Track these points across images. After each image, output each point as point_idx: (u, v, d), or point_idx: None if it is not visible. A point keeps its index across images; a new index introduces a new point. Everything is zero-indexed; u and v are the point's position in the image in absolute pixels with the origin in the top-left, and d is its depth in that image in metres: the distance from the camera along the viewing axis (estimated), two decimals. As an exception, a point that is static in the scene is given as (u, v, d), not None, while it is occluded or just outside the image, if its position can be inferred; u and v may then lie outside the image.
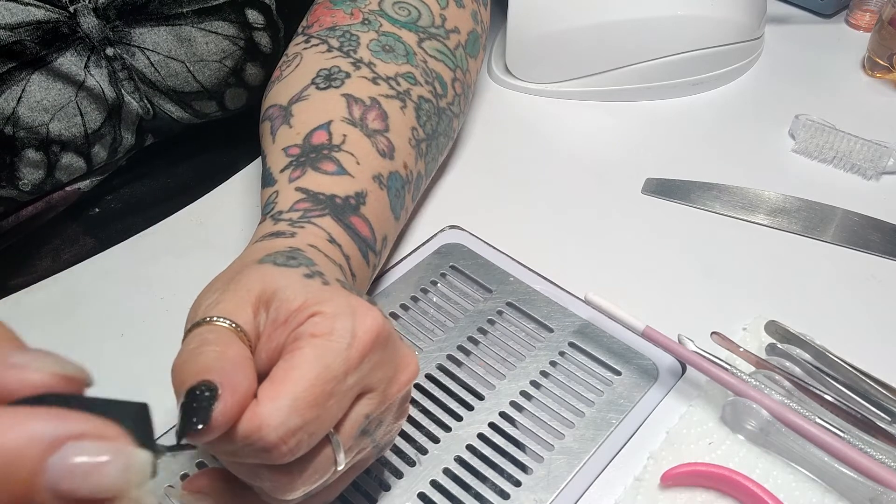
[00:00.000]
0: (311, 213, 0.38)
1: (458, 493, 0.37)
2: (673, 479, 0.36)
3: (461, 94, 0.51)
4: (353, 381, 0.29)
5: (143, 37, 0.48)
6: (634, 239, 0.50)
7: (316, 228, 0.37)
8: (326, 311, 0.29)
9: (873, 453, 0.35)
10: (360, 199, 0.40)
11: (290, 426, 0.26)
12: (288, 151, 0.42)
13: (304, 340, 0.28)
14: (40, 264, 0.51)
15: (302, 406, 0.27)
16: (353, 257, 0.39)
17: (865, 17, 0.69)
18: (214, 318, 0.29)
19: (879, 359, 0.41)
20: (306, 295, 0.29)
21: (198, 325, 0.29)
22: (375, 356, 0.29)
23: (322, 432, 0.28)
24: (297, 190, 0.39)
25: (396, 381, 0.31)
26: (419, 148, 0.46)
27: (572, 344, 0.43)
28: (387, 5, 0.48)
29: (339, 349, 0.28)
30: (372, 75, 0.45)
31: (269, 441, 0.26)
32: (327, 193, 0.39)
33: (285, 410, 0.26)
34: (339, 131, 0.42)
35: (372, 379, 0.30)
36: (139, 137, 0.52)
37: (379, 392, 0.30)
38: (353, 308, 0.29)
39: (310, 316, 0.29)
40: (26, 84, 0.44)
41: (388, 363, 0.30)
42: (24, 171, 0.46)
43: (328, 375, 0.27)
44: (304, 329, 0.28)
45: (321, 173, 0.40)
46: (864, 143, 0.55)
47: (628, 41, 0.60)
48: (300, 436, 0.27)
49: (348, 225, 0.39)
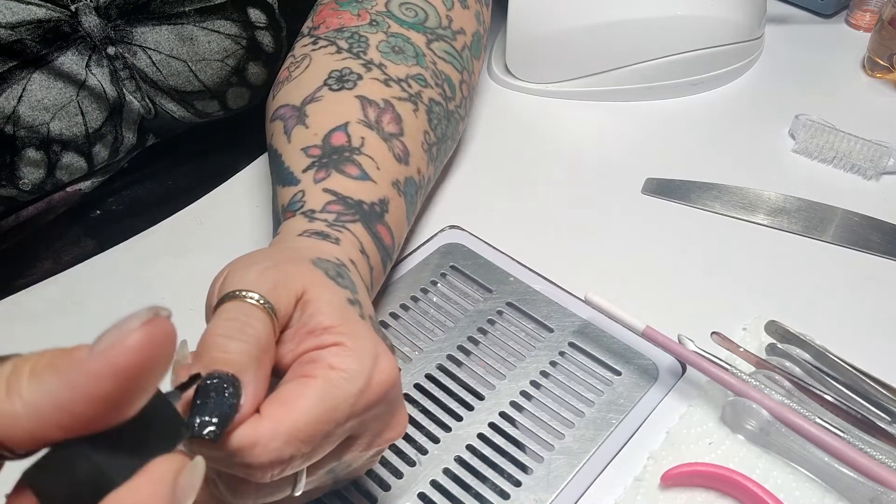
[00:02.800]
0: (344, 217, 0.38)
1: (458, 493, 0.37)
2: (673, 479, 0.36)
3: (467, 96, 0.51)
4: (350, 426, 0.29)
5: (144, 36, 0.48)
6: (634, 239, 0.50)
7: (351, 237, 0.37)
8: (351, 345, 0.29)
9: (873, 453, 0.35)
10: (384, 207, 0.41)
11: (282, 454, 0.26)
12: (308, 152, 0.42)
13: (321, 369, 0.28)
14: (41, 265, 0.51)
15: (299, 438, 0.27)
16: (376, 268, 0.39)
17: (865, 17, 0.69)
18: (259, 299, 0.29)
19: (879, 359, 0.41)
20: (341, 319, 0.30)
21: (240, 298, 0.29)
22: (379, 409, 0.30)
23: (304, 466, 0.28)
24: (326, 191, 0.40)
25: (383, 436, 0.31)
26: (430, 152, 0.46)
27: (572, 344, 0.43)
28: (394, 6, 0.48)
29: (351, 393, 0.28)
30: (384, 77, 0.45)
31: (259, 462, 0.26)
32: (355, 198, 0.40)
33: (283, 438, 0.26)
34: (357, 133, 0.42)
35: (365, 428, 0.30)
36: (140, 137, 0.52)
37: (364, 441, 0.30)
38: (375, 354, 0.29)
39: (334, 343, 0.29)
40: (27, 83, 0.44)
41: (385, 418, 0.31)
42: (24, 171, 0.46)
43: (332, 416, 0.27)
44: (325, 355, 0.28)
45: (346, 177, 0.40)
46: (864, 143, 0.55)
47: (628, 41, 0.60)
48: (286, 465, 0.27)
49: (375, 234, 0.39)
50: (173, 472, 0.20)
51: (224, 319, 0.28)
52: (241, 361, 0.26)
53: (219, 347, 0.27)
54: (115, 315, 0.20)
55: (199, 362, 0.26)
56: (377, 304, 0.46)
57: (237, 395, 0.26)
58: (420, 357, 0.43)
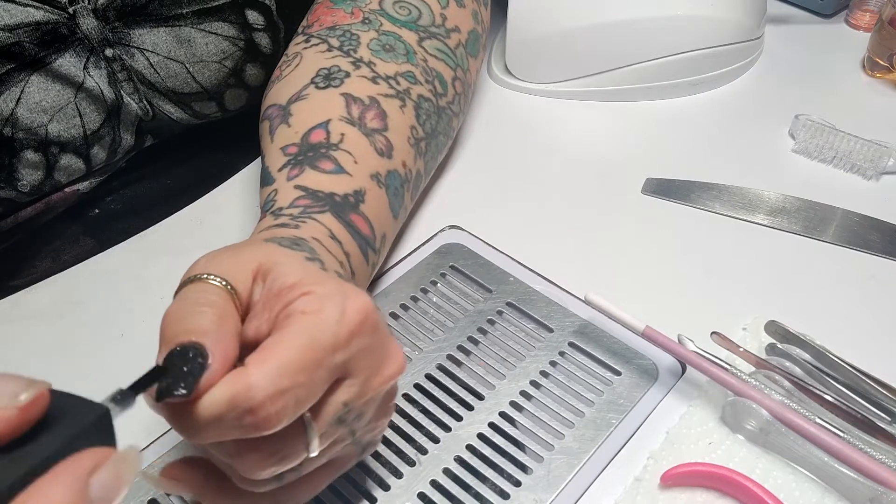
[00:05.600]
0: (312, 209, 0.38)
1: (458, 493, 0.37)
2: (673, 479, 0.36)
3: (461, 93, 0.51)
4: (340, 358, 0.29)
5: (142, 38, 0.48)
6: (634, 239, 0.50)
7: (317, 224, 0.37)
8: (318, 290, 0.29)
9: (873, 453, 0.34)
10: (359, 197, 0.40)
11: (278, 386, 0.26)
12: (286, 150, 0.42)
13: (293, 317, 0.28)
14: (40, 265, 0.51)
15: (290, 370, 0.27)
16: (353, 255, 0.39)
17: (865, 17, 0.69)
18: (212, 277, 0.29)
19: (879, 359, 0.41)
20: (303, 274, 0.30)
21: (195, 281, 0.29)
22: (363, 339, 0.29)
23: (308, 400, 0.28)
24: (297, 188, 0.40)
25: (380, 372, 0.31)
26: (418, 147, 0.46)
27: (572, 344, 0.43)
28: (387, 4, 0.48)
29: (328, 324, 0.28)
30: (371, 74, 0.45)
31: (257, 400, 0.26)
32: (326, 191, 0.40)
33: (274, 372, 0.26)
34: (337, 130, 0.42)
35: (357, 363, 0.30)
36: (138, 138, 0.52)
37: (361, 380, 0.30)
38: (343, 290, 0.29)
39: (302, 294, 0.29)
40: (25, 85, 0.44)
41: (375, 351, 0.30)
42: (22, 172, 0.46)
43: (316, 345, 0.28)
44: (295, 306, 0.28)
45: (319, 172, 0.40)
46: (864, 143, 0.55)
47: (628, 41, 0.59)
48: (287, 399, 0.27)
49: (348, 222, 0.39)
50: (91, 466, 0.21)
51: (178, 301, 0.28)
52: (200, 328, 0.27)
53: (176, 324, 0.27)
54: (115, 315, 0.20)
55: (161, 345, 0.27)
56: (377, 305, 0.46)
57: (202, 356, 0.26)
58: (420, 357, 0.43)
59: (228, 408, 0.26)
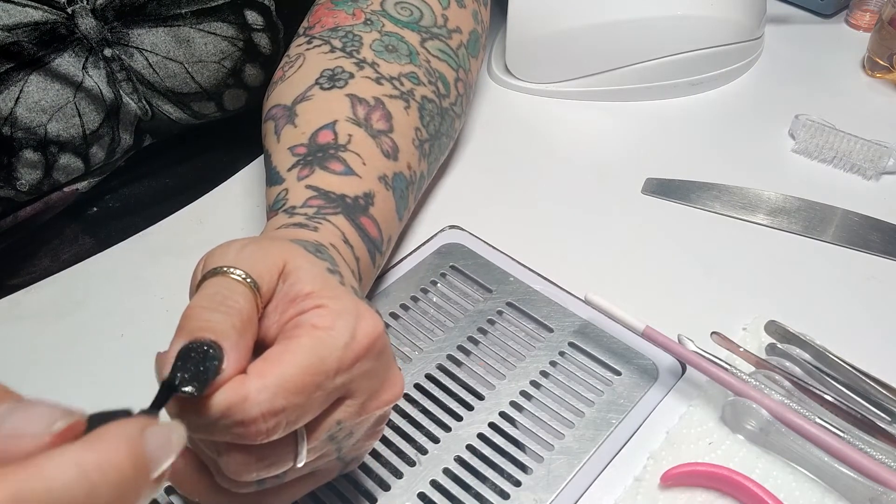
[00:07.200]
0: (325, 210, 0.39)
1: (458, 493, 0.37)
2: (673, 479, 0.36)
3: (463, 94, 0.51)
4: (341, 381, 0.29)
5: (141, 38, 0.48)
6: (634, 239, 0.50)
7: (332, 227, 0.38)
8: (332, 306, 0.29)
9: (873, 453, 0.34)
10: (369, 200, 0.41)
11: (273, 405, 0.26)
12: (294, 150, 0.42)
13: (303, 329, 0.28)
14: (40, 264, 0.51)
15: (289, 389, 0.27)
16: (363, 259, 0.39)
17: (865, 17, 0.69)
18: (239, 273, 0.29)
19: (879, 359, 0.41)
20: (321, 285, 0.30)
21: (223, 275, 0.29)
22: (368, 363, 0.29)
23: (300, 422, 0.28)
24: (308, 188, 0.40)
25: (379, 396, 0.31)
26: (422, 148, 0.46)
27: (572, 344, 0.43)
28: (389, 5, 0.48)
29: (336, 345, 0.28)
30: (375, 75, 0.45)
31: (250, 415, 0.26)
32: (338, 192, 0.40)
33: (272, 389, 0.26)
34: (344, 131, 0.42)
35: (358, 385, 0.30)
36: (137, 138, 0.52)
37: (359, 402, 0.30)
38: (357, 310, 0.29)
39: (315, 306, 0.29)
40: (24, 85, 0.44)
41: (377, 375, 0.31)
42: (21, 172, 0.46)
43: (320, 367, 0.27)
44: (307, 318, 0.28)
45: (329, 172, 0.40)
46: (864, 143, 0.55)
47: (628, 41, 0.59)
48: (280, 418, 0.27)
49: (359, 225, 0.39)
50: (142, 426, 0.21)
51: (206, 294, 0.28)
52: (222, 329, 0.26)
53: (201, 318, 0.27)
54: (115, 315, 0.20)
55: (180, 334, 0.26)
56: (377, 305, 0.46)
57: (218, 358, 0.26)
58: (420, 357, 0.43)
59: (222, 415, 0.26)
